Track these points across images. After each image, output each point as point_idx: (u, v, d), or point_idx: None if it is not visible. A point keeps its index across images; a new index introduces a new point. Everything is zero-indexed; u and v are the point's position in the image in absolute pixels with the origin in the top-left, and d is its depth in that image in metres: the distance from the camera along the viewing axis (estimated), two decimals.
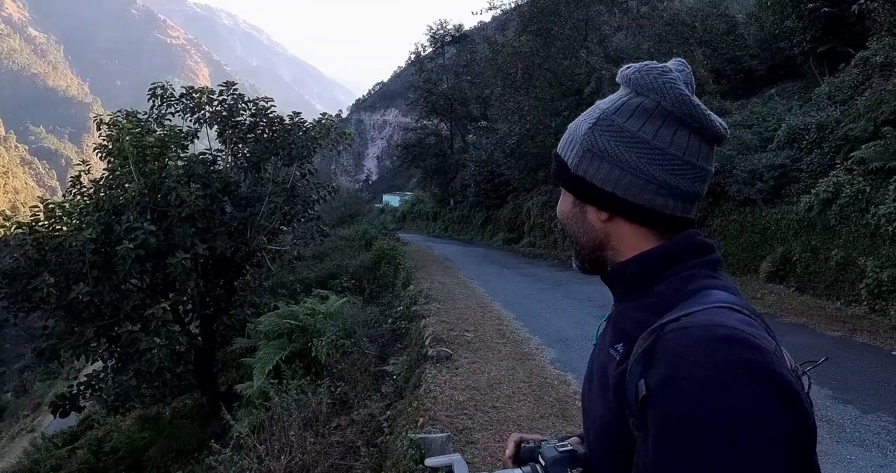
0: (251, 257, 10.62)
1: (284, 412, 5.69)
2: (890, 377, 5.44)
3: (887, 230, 7.81)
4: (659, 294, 0.81)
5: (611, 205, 0.87)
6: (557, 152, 0.95)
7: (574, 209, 0.93)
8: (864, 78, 11.31)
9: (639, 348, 0.74)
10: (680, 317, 0.72)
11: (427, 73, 32.45)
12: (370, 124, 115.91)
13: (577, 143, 0.90)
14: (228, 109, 11.08)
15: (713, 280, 0.81)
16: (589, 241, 0.92)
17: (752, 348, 0.66)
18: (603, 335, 0.94)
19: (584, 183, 0.88)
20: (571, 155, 0.91)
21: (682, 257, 0.83)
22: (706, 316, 0.70)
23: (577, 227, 0.93)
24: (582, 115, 0.94)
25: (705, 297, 0.76)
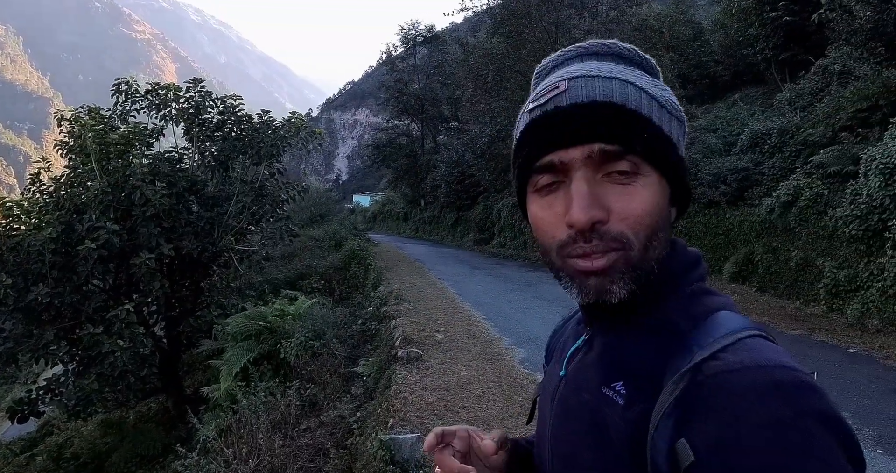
0: (218, 258, 10.45)
1: (252, 414, 5.62)
2: (846, 373, 5.64)
3: (844, 232, 8.10)
4: (665, 320, 0.67)
5: (685, 201, 0.72)
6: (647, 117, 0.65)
7: (665, 202, 0.68)
8: (823, 85, 11.70)
9: (668, 395, 0.59)
10: (716, 354, 0.59)
11: (398, 73, 32.39)
12: (341, 124, 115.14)
13: (674, 118, 0.69)
14: (195, 106, 10.89)
15: (715, 298, 0.70)
16: (663, 254, 0.68)
17: (816, 393, 0.54)
18: (580, 367, 0.75)
19: (678, 151, 0.69)
20: (675, 132, 0.69)
21: (681, 272, 0.71)
22: (747, 353, 0.58)
23: (665, 235, 0.68)
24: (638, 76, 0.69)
25: (721, 322, 0.64)
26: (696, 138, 12.16)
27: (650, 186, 0.65)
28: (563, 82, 0.67)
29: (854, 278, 7.90)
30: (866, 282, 7.69)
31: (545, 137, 0.66)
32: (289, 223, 11.76)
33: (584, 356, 0.75)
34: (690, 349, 0.61)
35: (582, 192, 0.63)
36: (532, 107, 0.69)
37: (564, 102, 0.65)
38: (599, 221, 0.63)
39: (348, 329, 8.33)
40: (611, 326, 0.72)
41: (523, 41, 17.87)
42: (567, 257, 0.66)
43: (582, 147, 0.64)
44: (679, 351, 0.62)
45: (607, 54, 0.71)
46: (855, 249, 8.06)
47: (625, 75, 0.66)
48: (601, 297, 0.65)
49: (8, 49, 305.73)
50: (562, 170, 0.65)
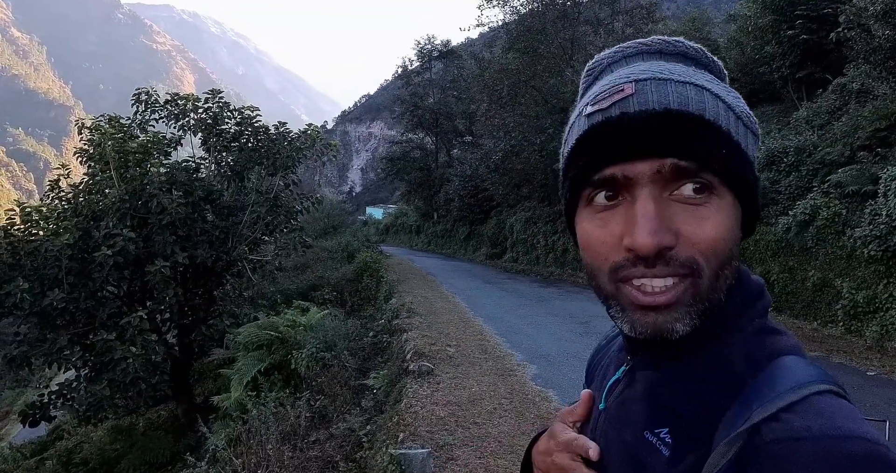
0: (232, 267, 10.51)
1: (262, 425, 5.60)
2: (865, 397, 5.53)
3: (863, 253, 7.98)
4: (720, 361, 0.59)
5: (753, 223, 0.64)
6: (719, 126, 0.57)
7: (738, 225, 0.60)
8: (841, 104, 11.62)
9: (720, 457, 0.52)
10: (779, 414, 0.51)
11: (413, 87, 32.63)
12: (355, 136, 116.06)
13: (749, 132, 0.61)
14: (213, 117, 11.03)
15: (782, 338, 0.62)
16: (735, 276, 0.61)
17: (893, 469, 0.46)
18: (622, 402, 0.67)
19: (754, 170, 0.61)
20: (751, 148, 0.61)
21: (746, 305, 0.62)
22: (817, 418, 0.50)
23: (737, 258, 0.61)
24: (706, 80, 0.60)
25: (787, 371, 0.56)
26: None
27: (724, 208, 0.57)
28: (629, 85, 0.58)
29: (873, 299, 7.77)
30: (885, 304, 7.56)
31: (608, 147, 0.57)
32: (302, 234, 11.83)
33: (625, 390, 0.67)
34: (749, 404, 0.53)
35: (649, 212, 0.55)
36: (592, 111, 0.59)
37: (632, 109, 0.56)
38: (667, 246, 0.55)
39: (359, 342, 8.31)
40: (657, 359, 0.64)
41: (539, 57, 17.97)
42: (621, 281, 0.58)
43: (651, 161, 0.55)
44: (736, 403, 0.55)
45: (673, 53, 0.63)
46: (874, 270, 7.93)
47: (699, 80, 0.58)
48: (659, 334, 0.57)
49: (32, 58, 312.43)
50: (624, 185, 0.57)
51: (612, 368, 0.74)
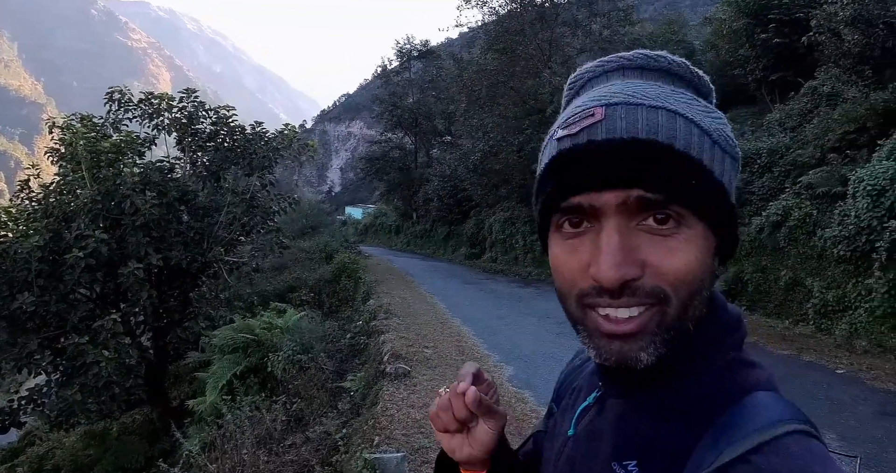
0: (207, 269, 10.38)
1: (237, 429, 5.55)
2: (834, 394, 5.65)
3: (832, 253, 8.16)
4: (691, 396, 0.58)
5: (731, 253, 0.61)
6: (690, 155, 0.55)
7: (710, 255, 0.57)
8: (812, 106, 11.86)
9: None
10: (748, 456, 0.50)
11: (393, 86, 32.57)
12: (334, 136, 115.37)
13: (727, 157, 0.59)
14: (188, 116, 10.89)
15: (755, 371, 0.61)
16: (705, 306, 0.59)
17: None
18: (591, 431, 0.67)
19: (729, 198, 0.59)
20: (727, 175, 0.58)
21: (720, 338, 0.61)
22: (786, 461, 0.49)
23: (708, 284, 0.58)
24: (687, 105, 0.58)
25: (760, 409, 0.54)
26: None
27: (695, 239, 0.55)
28: (599, 109, 0.56)
29: (842, 298, 7.94)
30: (854, 303, 7.74)
31: (575, 174, 0.55)
32: (279, 235, 11.72)
33: (595, 418, 0.67)
34: (717, 442, 0.52)
35: (613, 245, 0.53)
36: (562, 135, 0.58)
37: (599, 137, 0.54)
38: (632, 279, 0.53)
39: (337, 343, 8.28)
40: (628, 389, 0.62)
41: (517, 58, 18.04)
42: (588, 308, 0.57)
43: (617, 192, 0.53)
44: (705, 440, 0.54)
45: (654, 69, 0.60)
46: (843, 269, 8.11)
47: (674, 103, 0.56)
48: (624, 363, 0.56)
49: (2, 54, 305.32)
50: (591, 213, 0.56)
51: (583, 392, 0.74)
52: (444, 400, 0.73)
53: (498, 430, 0.74)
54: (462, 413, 0.71)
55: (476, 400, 0.70)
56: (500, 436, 0.76)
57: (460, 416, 0.71)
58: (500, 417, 0.74)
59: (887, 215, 7.25)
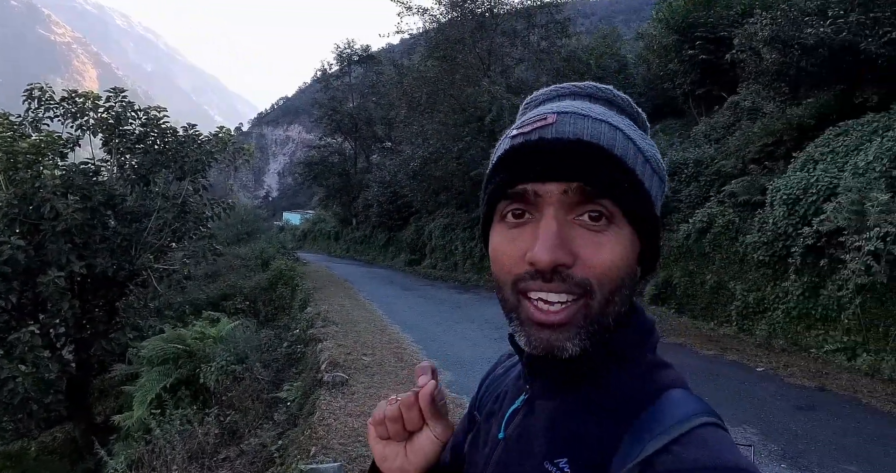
0: (136, 276, 9.94)
1: (167, 444, 5.33)
2: (754, 391, 5.96)
3: (753, 258, 8.63)
4: (614, 394, 0.63)
5: (654, 261, 0.66)
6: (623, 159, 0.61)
7: (633, 258, 0.63)
8: (734, 120, 12.53)
9: None
10: (669, 446, 0.55)
11: (333, 91, 32.21)
12: (272, 139, 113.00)
13: (654, 174, 0.64)
14: (116, 116, 10.40)
15: (669, 371, 0.66)
16: (626, 305, 0.64)
17: None
18: (522, 432, 0.69)
19: (654, 209, 0.64)
20: (654, 187, 0.65)
21: (639, 342, 0.67)
22: (703, 450, 0.55)
23: (628, 291, 0.63)
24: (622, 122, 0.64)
25: (676, 405, 0.60)
26: None
27: (622, 239, 0.61)
28: (552, 115, 0.62)
29: (762, 300, 8.41)
30: (773, 304, 8.21)
31: (524, 166, 0.61)
32: (213, 241, 11.36)
33: (524, 420, 0.69)
34: (641, 436, 0.58)
35: (551, 230, 0.59)
36: (515, 133, 0.64)
37: (549, 135, 0.61)
38: (564, 264, 0.59)
39: (273, 353, 8.09)
40: (555, 390, 0.67)
41: (457, 66, 18.23)
42: (521, 294, 0.62)
43: (560, 183, 0.60)
44: (629, 435, 0.59)
45: (601, 98, 0.67)
46: (763, 273, 8.59)
47: (616, 122, 0.63)
48: (551, 351, 0.60)
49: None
50: (534, 203, 0.61)
51: (509, 396, 0.76)
52: (394, 409, 0.72)
53: (443, 440, 0.73)
54: (413, 425, 0.72)
55: (430, 396, 0.71)
56: (439, 454, 0.75)
57: (411, 426, 0.72)
58: (448, 426, 0.74)
59: (801, 223, 7.73)
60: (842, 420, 5.15)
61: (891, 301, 6.65)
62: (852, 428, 4.94)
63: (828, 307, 7.31)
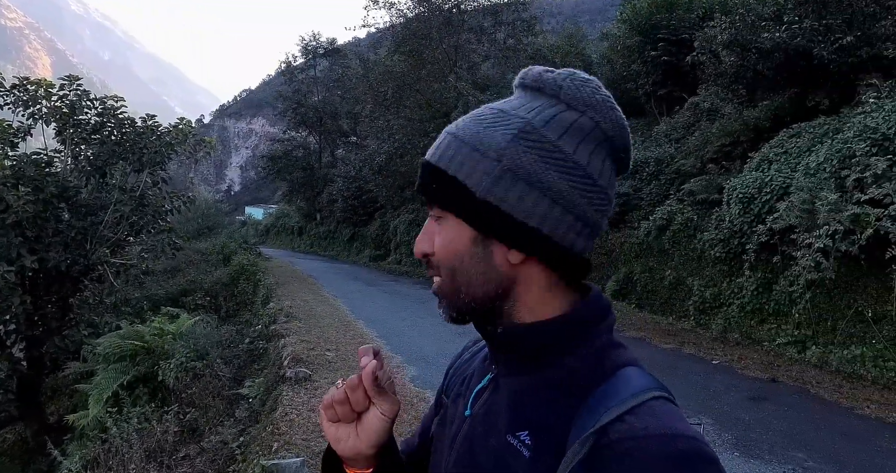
0: (91, 271, 9.64)
1: (124, 443, 5.21)
2: (709, 383, 6.15)
3: (710, 254, 8.88)
4: (571, 371, 0.68)
5: (531, 244, 0.68)
6: (444, 170, 0.70)
7: (475, 248, 0.69)
8: (694, 120, 12.84)
9: (574, 455, 0.60)
10: (623, 416, 0.60)
11: (297, 83, 31.76)
12: (234, 132, 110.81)
13: (488, 158, 0.68)
14: (70, 105, 10.04)
15: (623, 351, 0.71)
16: (491, 290, 0.70)
17: (713, 463, 0.58)
18: (487, 409, 0.74)
19: (497, 213, 0.67)
20: (478, 174, 0.68)
21: (593, 323, 0.71)
22: (653, 419, 0.60)
23: (477, 271, 0.70)
24: (475, 118, 0.72)
25: (629, 380, 0.65)
26: None
27: (450, 228, 0.71)
28: (444, 136, 0.73)
29: (718, 295, 8.66)
30: (728, 299, 8.46)
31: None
32: (172, 236, 11.08)
33: (490, 397, 0.74)
34: (596, 409, 0.62)
35: (424, 228, 0.75)
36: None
37: (426, 157, 0.73)
38: (426, 253, 0.73)
39: (234, 349, 7.97)
40: (518, 368, 0.71)
41: (423, 61, 18.20)
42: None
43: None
44: (585, 408, 0.63)
45: (529, 88, 0.72)
46: (719, 269, 8.85)
47: (477, 133, 0.70)
48: (442, 316, 0.74)
49: None
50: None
51: (476, 376, 0.80)
52: (339, 393, 0.75)
53: (390, 417, 0.76)
54: (360, 405, 0.74)
55: (372, 375, 0.73)
56: (390, 431, 0.77)
57: (358, 407, 0.74)
58: (394, 403, 0.76)
59: (755, 221, 7.98)
60: (792, 409, 5.35)
61: (839, 296, 6.94)
62: (801, 418, 5.14)
63: (780, 302, 7.58)
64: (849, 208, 6.43)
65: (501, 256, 0.69)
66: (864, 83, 8.38)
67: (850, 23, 8.82)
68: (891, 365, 6.06)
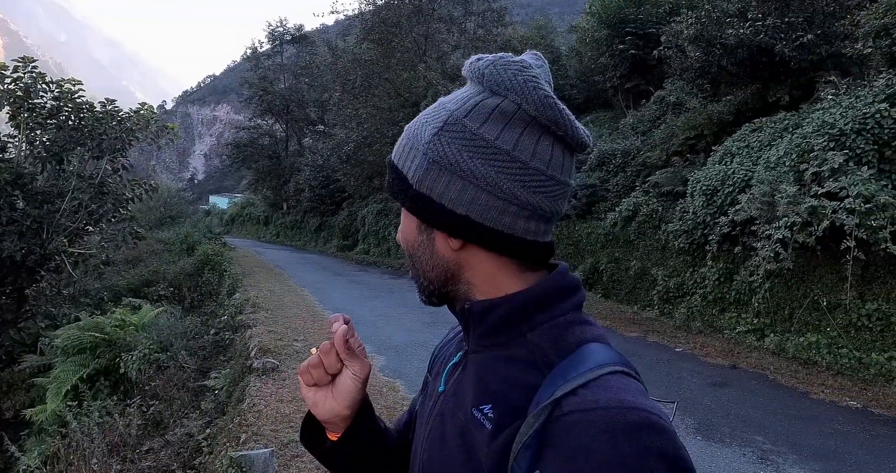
0: (48, 261, 9.34)
1: (85, 437, 5.07)
2: (673, 370, 6.31)
3: (674, 245, 9.06)
4: (534, 346, 0.69)
5: (464, 230, 0.70)
6: (394, 162, 0.75)
7: (420, 236, 0.74)
8: (660, 113, 13.03)
9: (528, 428, 0.61)
10: (577, 390, 0.61)
11: (263, 70, 31.17)
12: (198, 119, 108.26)
13: (419, 152, 0.71)
14: (25, 88, 9.65)
15: (589, 327, 0.72)
16: (440, 274, 0.74)
17: (663, 433, 0.58)
18: (457, 385, 0.76)
19: (430, 203, 0.71)
20: (413, 167, 0.72)
21: (556, 299, 0.72)
22: (608, 393, 0.60)
23: (426, 258, 0.74)
24: (422, 114, 0.75)
25: (590, 356, 0.66)
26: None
27: (404, 217, 0.78)
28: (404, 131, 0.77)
29: (681, 285, 8.86)
30: (691, 289, 8.67)
31: None
32: (133, 225, 10.80)
33: (460, 374, 0.76)
34: (554, 382, 0.63)
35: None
36: None
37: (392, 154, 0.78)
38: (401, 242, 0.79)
39: (199, 340, 7.83)
40: (484, 345, 0.73)
41: (393, 50, 18.03)
42: None
43: None
44: (546, 382, 0.64)
45: (474, 79, 0.74)
46: (682, 260, 9.05)
47: (423, 125, 0.73)
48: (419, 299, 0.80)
49: None
50: None
51: (451, 356, 0.83)
52: (314, 357, 0.79)
53: (362, 377, 0.80)
54: (333, 368, 0.79)
55: (342, 338, 0.78)
56: (363, 391, 0.82)
57: (331, 369, 0.79)
58: (364, 364, 0.81)
59: (718, 212, 8.17)
60: (751, 394, 5.53)
61: (795, 286, 7.17)
62: (760, 403, 5.31)
63: (740, 292, 7.80)
64: (806, 200, 6.63)
65: (443, 242, 0.72)
66: (823, 80, 8.62)
67: (810, 21, 9.05)
68: (844, 352, 6.30)
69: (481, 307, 0.72)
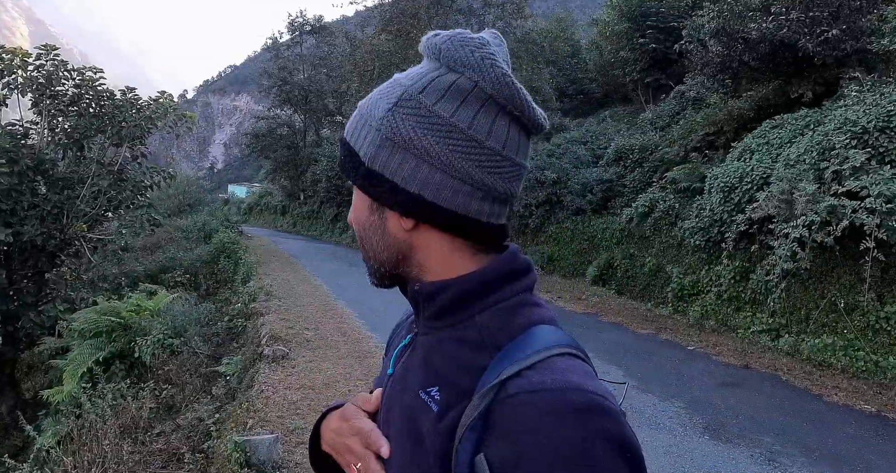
0: (68, 246, 9.50)
1: (98, 419, 5.17)
2: (684, 369, 6.25)
3: (690, 242, 8.97)
4: (482, 328, 0.68)
5: (417, 210, 0.69)
6: (346, 140, 0.73)
7: (372, 216, 0.73)
8: (679, 109, 12.88)
9: (473, 410, 0.60)
10: (523, 371, 0.60)
11: (283, 61, 31.24)
12: (219, 109, 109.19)
13: (372, 128, 0.70)
14: (47, 76, 9.80)
15: (538, 309, 0.71)
16: (391, 255, 0.73)
17: (609, 415, 0.58)
18: (405, 367, 0.75)
19: (382, 181, 0.69)
20: (365, 144, 0.70)
21: (507, 280, 0.70)
22: (550, 374, 0.60)
23: (377, 238, 0.73)
24: (376, 91, 0.74)
25: (538, 338, 0.65)
26: (568, 150, 12.91)
27: (355, 196, 0.76)
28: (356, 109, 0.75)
29: (696, 283, 8.76)
30: (706, 287, 8.57)
31: None
32: (151, 211, 10.94)
33: (409, 356, 0.75)
34: (501, 364, 0.62)
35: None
36: None
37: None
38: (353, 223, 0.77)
39: (213, 327, 7.93)
40: (433, 326, 0.72)
41: (411, 41, 17.94)
42: None
43: None
44: (493, 364, 0.63)
45: (431, 58, 0.72)
46: (698, 257, 8.95)
47: (377, 103, 0.71)
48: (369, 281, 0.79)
49: None
50: None
51: (401, 337, 0.82)
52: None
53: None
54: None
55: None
56: None
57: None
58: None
59: (735, 210, 8.07)
60: (762, 395, 5.46)
61: (812, 286, 7.06)
62: (771, 404, 5.25)
63: (756, 291, 7.69)
64: (826, 199, 6.51)
65: (395, 222, 0.70)
66: (847, 77, 8.45)
67: (835, 16, 8.85)
68: (860, 355, 6.20)
69: (431, 288, 0.70)
